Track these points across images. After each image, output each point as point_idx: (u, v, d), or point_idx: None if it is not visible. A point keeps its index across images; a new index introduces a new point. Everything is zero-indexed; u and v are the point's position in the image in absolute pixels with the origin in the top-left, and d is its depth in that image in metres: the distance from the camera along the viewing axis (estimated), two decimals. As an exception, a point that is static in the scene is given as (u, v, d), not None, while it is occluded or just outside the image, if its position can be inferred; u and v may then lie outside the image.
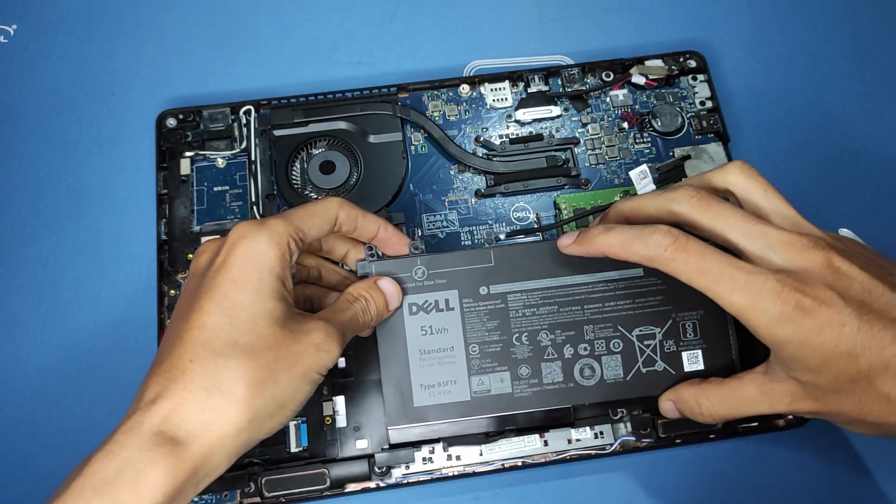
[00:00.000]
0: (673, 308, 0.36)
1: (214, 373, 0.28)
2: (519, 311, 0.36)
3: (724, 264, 0.29)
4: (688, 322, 0.36)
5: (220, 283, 0.29)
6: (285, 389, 0.29)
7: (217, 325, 0.28)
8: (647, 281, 0.36)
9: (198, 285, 0.30)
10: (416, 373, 0.35)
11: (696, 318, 0.36)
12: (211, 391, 0.27)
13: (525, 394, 0.35)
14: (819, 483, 0.38)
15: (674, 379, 0.35)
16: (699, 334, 0.36)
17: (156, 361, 0.29)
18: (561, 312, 0.36)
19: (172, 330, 0.30)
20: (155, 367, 0.29)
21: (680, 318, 0.36)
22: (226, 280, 0.29)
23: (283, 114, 0.43)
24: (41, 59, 0.47)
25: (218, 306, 0.29)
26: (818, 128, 0.46)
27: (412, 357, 0.35)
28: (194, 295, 0.30)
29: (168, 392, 0.27)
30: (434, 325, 0.36)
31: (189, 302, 0.30)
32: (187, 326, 0.29)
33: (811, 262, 0.28)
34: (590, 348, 0.36)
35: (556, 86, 0.45)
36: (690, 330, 0.36)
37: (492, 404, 0.35)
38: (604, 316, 0.36)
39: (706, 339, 0.36)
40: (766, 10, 0.49)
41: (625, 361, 0.36)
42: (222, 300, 0.29)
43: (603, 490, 0.37)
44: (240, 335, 0.28)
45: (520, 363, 0.35)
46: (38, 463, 0.38)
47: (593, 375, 0.35)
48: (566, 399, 0.35)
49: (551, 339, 0.36)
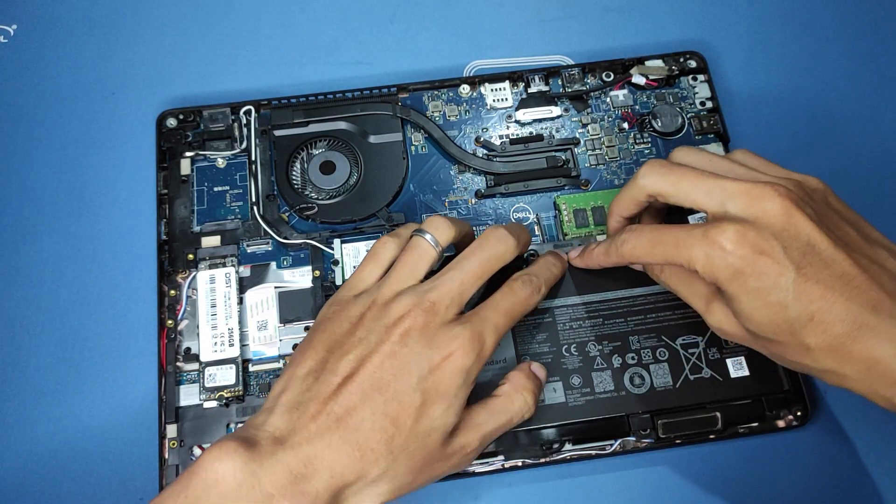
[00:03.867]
0: None
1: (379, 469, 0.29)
2: (566, 323, 0.38)
3: (677, 229, 0.31)
4: None
5: (427, 390, 0.29)
6: (412, 488, 0.30)
7: (406, 426, 0.29)
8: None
9: (397, 364, 0.30)
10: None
11: None
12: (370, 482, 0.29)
13: (579, 403, 0.36)
14: (819, 483, 0.38)
15: (722, 385, 0.37)
16: None
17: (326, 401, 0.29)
18: (606, 325, 0.38)
19: (365, 384, 0.29)
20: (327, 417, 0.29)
21: None
22: (431, 390, 0.29)
23: (284, 114, 0.43)
24: (41, 59, 0.47)
25: (415, 411, 0.29)
26: (818, 128, 0.46)
27: None
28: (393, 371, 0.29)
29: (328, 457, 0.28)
30: None
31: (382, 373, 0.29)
32: (386, 413, 0.29)
33: (765, 211, 0.29)
34: (637, 357, 0.37)
35: (557, 86, 0.45)
36: None
37: (548, 414, 0.36)
38: (647, 327, 0.38)
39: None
40: (766, 10, 0.49)
41: (672, 369, 0.37)
42: (418, 408, 0.29)
43: (603, 490, 0.37)
44: (412, 442, 0.29)
45: (571, 373, 0.37)
46: (38, 463, 0.38)
47: (643, 384, 0.37)
48: (619, 407, 0.36)
49: (599, 349, 0.37)
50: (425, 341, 0.30)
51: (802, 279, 0.28)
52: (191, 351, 0.39)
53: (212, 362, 0.38)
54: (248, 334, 0.39)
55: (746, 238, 0.28)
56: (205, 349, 0.38)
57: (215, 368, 0.38)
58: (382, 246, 0.34)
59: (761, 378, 0.37)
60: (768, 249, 0.28)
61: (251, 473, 0.26)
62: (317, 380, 0.30)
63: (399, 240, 0.35)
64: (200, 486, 0.26)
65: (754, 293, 0.28)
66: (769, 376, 0.37)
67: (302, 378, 0.30)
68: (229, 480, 0.26)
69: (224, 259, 0.40)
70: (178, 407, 0.37)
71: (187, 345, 0.39)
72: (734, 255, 0.28)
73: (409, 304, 0.30)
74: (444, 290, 0.31)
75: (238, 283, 0.40)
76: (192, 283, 0.40)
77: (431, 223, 0.33)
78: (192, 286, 0.40)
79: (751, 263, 0.28)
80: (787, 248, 0.28)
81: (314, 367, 0.30)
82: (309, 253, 0.41)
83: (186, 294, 0.40)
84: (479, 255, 0.32)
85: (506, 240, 0.33)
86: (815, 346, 0.28)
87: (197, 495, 0.26)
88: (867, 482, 0.38)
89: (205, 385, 0.37)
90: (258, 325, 0.39)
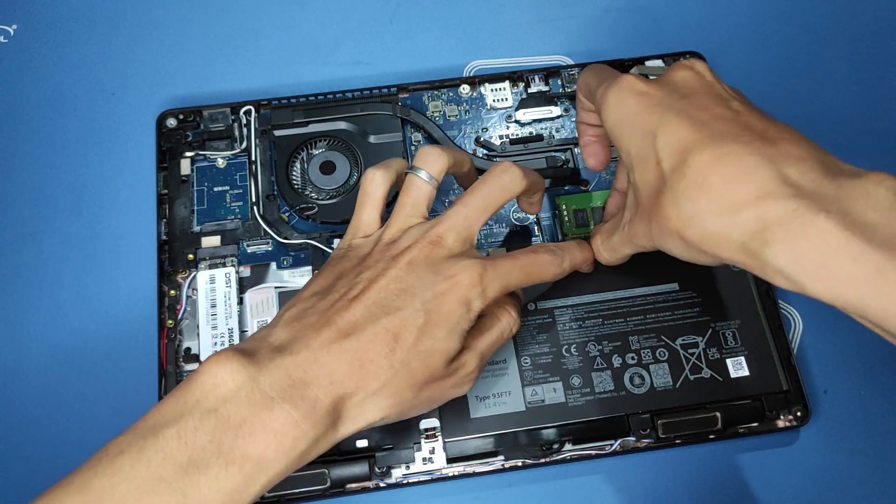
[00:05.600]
0: (711, 318, 0.38)
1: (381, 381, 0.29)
2: (566, 324, 0.38)
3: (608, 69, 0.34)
4: (727, 331, 0.38)
5: (430, 311, 0.30)
6: (413, 406, 0.31)
7: (407, 342, 0.29)
8: (683, 294, 0.38)
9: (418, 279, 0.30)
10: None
11: (734, 328, 0.38)
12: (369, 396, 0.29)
13: (579, 403, 0.36)
14: (818, 483, 0.38)
15: (722, 385, 0.37)
16: (740, 341, 0.38)
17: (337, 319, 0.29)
18: (606, 325, 0.38)
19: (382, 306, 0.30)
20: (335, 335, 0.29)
21: (719, 327, 0.38)
22: (434, 312, 0.30)
23: (283, 114, 0.43)
24: (41, 59, 0.47)
25: (417, 329, 0.29)
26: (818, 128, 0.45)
27: None
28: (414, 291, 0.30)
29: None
30: None
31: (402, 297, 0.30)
32: (387, 327, 0.29)
33: (670, 68, 0.31)
34: (637, 357, 0.37)
35: (557, 86, 0.45)
36: (731, 338, 0.38)
37: (547, 414, 0.36)
38: (647, 327, 0.38)
39: (747, 346, 0.37)
40: (766, 11, 0.49)
41: (672, 369, 0.37)
42: (420, 327, 0.29)
43: (603, 490, 0.37)
44: (413, 359, 0.29)
45: (571, 373, 0.37)
46: (38, 463, 0.38)
47: (643, 384, 0.37)
48: (619, 407, 0.36)
49: (599, 349, 0.37)
50: (431, 268, 0.30)
51: (674, 116, 0.28)
52: (191, 351, 0.39)
53: (212, 362, 0.38)
54: (248, 334, 0.39)
55: (645, 81, 0.30)
56: (205, 349, 0.38)
57: (215, 368, 0.38)
58: (371, 182, 0.34)
59: (761, 378, 0.37)
60: (654, 87, 0.30)
61: (250, 377, 0.27)
62: (322, 298, 0.30)
63: (387, 171, 0.34)
64: (199, 390, 0.26)
65: (629, 120, 0.30)
66: (769, 376, 0.37)
67: (307, 298, 0.31)
68: (228, 384, 0.26)
69: (224, 259, 0.40)
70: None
71: (187, 345, 0.39)
72: (627, 90, 0.30)
73: (415, 236, 0.31)
74: (448, 224, 0.31)
75: (238, 283, 0.40)
76: (192, 283, 0.40)
77: (422, 157, 0.33)
78: (192, 286, 0.40)
79: (641, 97, 0.30)
80: (673, 92, 0.29)
81: (321, 290, 0.31)
82: (309, 253, 0.41)
83: (186, 294, 0.40)
84: (483, 188, 0.33)
85: (510, 170, 0.33)
86: (668, 167, 0.28)
87: (196, 398, 0.26)
88: (866, 482, 0.38)
89: (205, 385, 0.37)
90: (258, 325, 0.39)
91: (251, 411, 0.26)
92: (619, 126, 0.30)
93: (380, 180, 0.34)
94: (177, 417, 0.26)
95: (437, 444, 0.37)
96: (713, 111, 0.28)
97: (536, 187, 0.35)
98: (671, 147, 0.28)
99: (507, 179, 0.33)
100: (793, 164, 0.25)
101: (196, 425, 0.25)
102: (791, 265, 0.24)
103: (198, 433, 0.25)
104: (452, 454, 0.36)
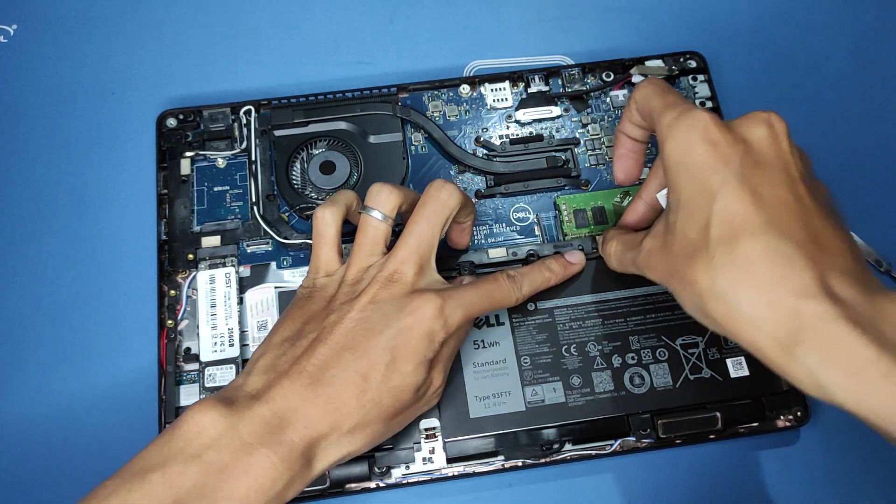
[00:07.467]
0: None
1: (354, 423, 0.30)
2: (566, 324, 0.38)
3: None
4: None
5: (395, 347, 0.31)
6: (386, 436, 0.32)
7: (376, 381, 0.30)
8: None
9: (384, 320, 0.31)
10: (471, 385, 0.37)
11: None
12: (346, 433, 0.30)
13: (579, 403, 0.36)
14: (819, 483, 0.38)
15: (722, 385, 0.37)
16: None
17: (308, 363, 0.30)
18: (606, 325, 0.38)
19: (345, 345, 0.31)
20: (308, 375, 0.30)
21: None
22: (400, 347, 0.31)
23: (283, 114, 0.43)
24: (41, 59, 0.47)
25: (385, 367, 0.30)
26: (818, 128, 0.46)
27: (466, 370, 0.37)
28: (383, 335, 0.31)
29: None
30: (486, 339, 0.38)
31: (372, 333, 0.31)
32: (356, 370, 0.30)
33: (748, 118, 0.30)
34: (637, 357, 0.37)
35: (557, 86, 0.45)
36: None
37: (547, 414, 0.36)
38: (647, 327, 0.38)
39: None
40: (766, 10, 0.49)
41: (672, 369, 0.37)
42: (388, 365, 0.30)
43: (603, 490, 0.37)
44: (384, 397, 0.30)
45: (571, 373, 0.37)
46: (38, 462, 0.38)
47: (643, 384, 0.37)
48: (619, 407, 0.36)
49: (599, 349, 0.37)
50: (394, 304, 0.31)
51: (748, 169, 0.28)
52: (191, 351, 0.39)
53: (212, 362, 0.38)
54: (248, 334, 0.39)
55: (719, 126, 0.29)
56: (205, 349, 0.38)
57: (215, 368, 0.38)
58: (322, 222, 0.34)
59: (761, 378, 0.37)
60: (732, 140, 0.29)
61: (230, 426, 0.28)
62: (293, 345, 0.32)
63: (336, 207, 0.35)
64: (182, 437, 0.28)
65: (691, 165, 0.29)
66: (769, 376, 0.37)
67: (278, 344, 0.32)
68: (210, 431, 0.28)
69: (224, 259, 0.40)
70: (178, 407, 0.37)
71: (187, 345, 0.39)
72: (695, 133, 0.29)
73: (373, 274, 0.32)
74: (401, 256, 0.32)
75: (238, 283, 0.40)
76: (192, 283, 0.40)
77: (373, 196, 0.34)
78: (192, 286, 0.40)
79: (713, 145, 0.29)
80: (748, 149, 0.29)
81: (290, 336, 0.32)
82: (309, 253, 0.41)
83: (186, 294, 0.40)
84: (424, 211, 0.33)
85: (445, 187, 0.34)
86: (715, 237, 0.28)
87: (180, 445, 0.28)
88: (866, 482, 0.38)
89: (205, 385, 0.37)
90: (258, 325, 0.39)
91: (232, 457, 0.28)
92: (679, 169, 0.29)
93: (330, 219, 0.34)
94: (161, 462, 0.27)
95: (437, 444, 0.37)
96: (778, 193, 0.28)
97: (470, 209, 0.36)
98: (726, 217, 0.27)
99: (445, 195, 0.33)
100: (837, 276, 0.26)
101: (181, 470, 0.27)
102: (821, 369, 0.25)
103: (182, 477, 0.27)
104: (452, 454, 0.36)
